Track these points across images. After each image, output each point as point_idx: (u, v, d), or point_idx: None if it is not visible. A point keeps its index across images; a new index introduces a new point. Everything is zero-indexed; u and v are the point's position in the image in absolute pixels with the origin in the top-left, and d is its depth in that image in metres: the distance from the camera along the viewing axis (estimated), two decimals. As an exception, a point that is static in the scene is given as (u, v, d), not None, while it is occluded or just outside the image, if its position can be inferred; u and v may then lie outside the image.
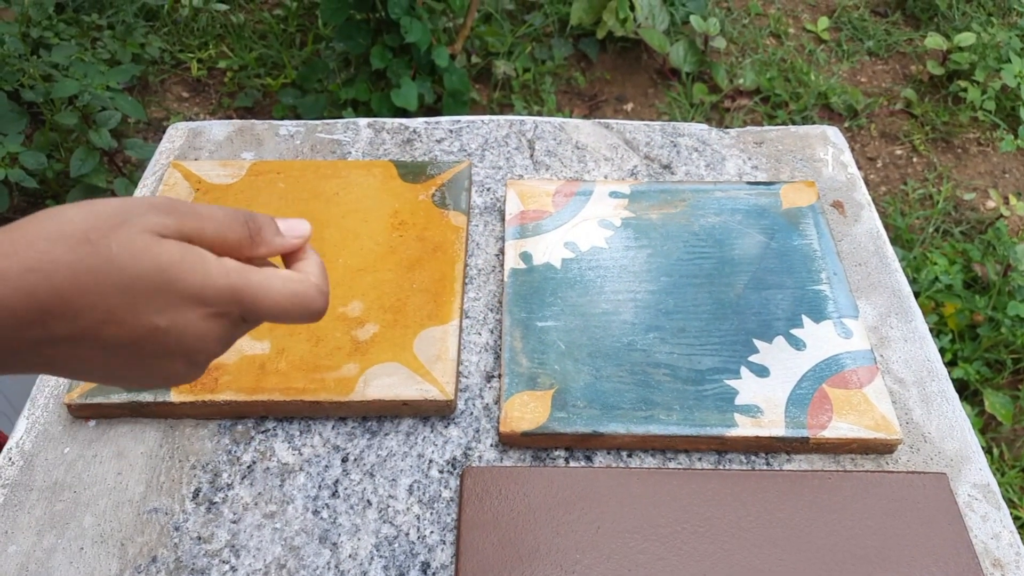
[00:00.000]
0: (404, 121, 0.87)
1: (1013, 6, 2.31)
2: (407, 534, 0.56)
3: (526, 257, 0.70)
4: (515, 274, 0.69)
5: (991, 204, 1.83)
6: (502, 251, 0.74)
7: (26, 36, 1.79)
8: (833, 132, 0.86)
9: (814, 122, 2.00)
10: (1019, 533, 0.56)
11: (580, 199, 0.75)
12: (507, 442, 0.60)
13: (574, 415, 0.60)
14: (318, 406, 0.61)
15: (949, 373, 0.69)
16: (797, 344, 0.64)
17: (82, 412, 0.61)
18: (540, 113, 1.99)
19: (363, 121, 0.87)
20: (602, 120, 0.87)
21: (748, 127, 0.87)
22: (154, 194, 0.76)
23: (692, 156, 0.83)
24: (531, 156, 0.83)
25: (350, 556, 0.55)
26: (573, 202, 0.75)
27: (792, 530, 0.54)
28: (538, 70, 2.10)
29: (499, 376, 0.64)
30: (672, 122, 0.87)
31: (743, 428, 0.59)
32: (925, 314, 0.87)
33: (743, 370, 0.62)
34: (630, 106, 2.07)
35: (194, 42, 2.14)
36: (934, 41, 2.07)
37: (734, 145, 0.84)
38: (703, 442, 0.59)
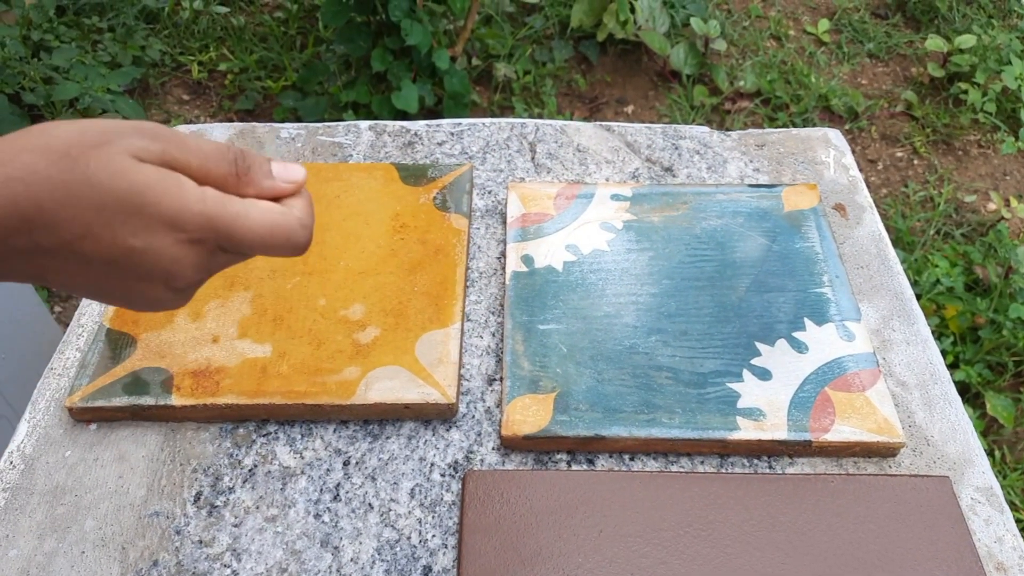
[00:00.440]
0: (405, 124, 0.86)
1: (1013, 8, 2.31)
2: (409, 538, 0.56)
3: (527, 260, 0.70)
4: (517, 277, 0.69)
5: (992, 206, 1.83)
6: (503, 254, 0.74)
7: (27, 39, 1.79)
8: (834, 134, 0.86)
9: (815, 124, 2.00)
10: (1022, 536, 0.56)
11: (582, 202, 0.75)
12: (509, 445, 0.60)
13: (576, 418, 0.59)
14: (319, 409, 0.60)
15: (951, 376, 0.69)
16: (799, 347, 0.64)
17: (83, 415, 0.61)
18: (541, 115, 1.99)
19: (364, 124, 0.86)
20: (603, 123, 0.87)
21: (749, 129, 0.87)
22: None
23: (693, 159, 0.83)
24: (532, 159, 0.83)
25: (352, 560, 0.55)
26: (575, 205, 0.75)
27: (795, 534, 0.54)
28: (539, 72, 2.10)
29: (501, 379, 0.64)
30: (673, 124, 0.87)
31: (745, 431, 0.59)
32: (926, 316, 0.87)
33: (745, 373, 0.62)
34: (631, 108, 2.07)
35: (195, 45, 2.15)
36: (934, 43, 2.07)
37: (735, 148, 0.84)
38: (705, 445, 0.59)
